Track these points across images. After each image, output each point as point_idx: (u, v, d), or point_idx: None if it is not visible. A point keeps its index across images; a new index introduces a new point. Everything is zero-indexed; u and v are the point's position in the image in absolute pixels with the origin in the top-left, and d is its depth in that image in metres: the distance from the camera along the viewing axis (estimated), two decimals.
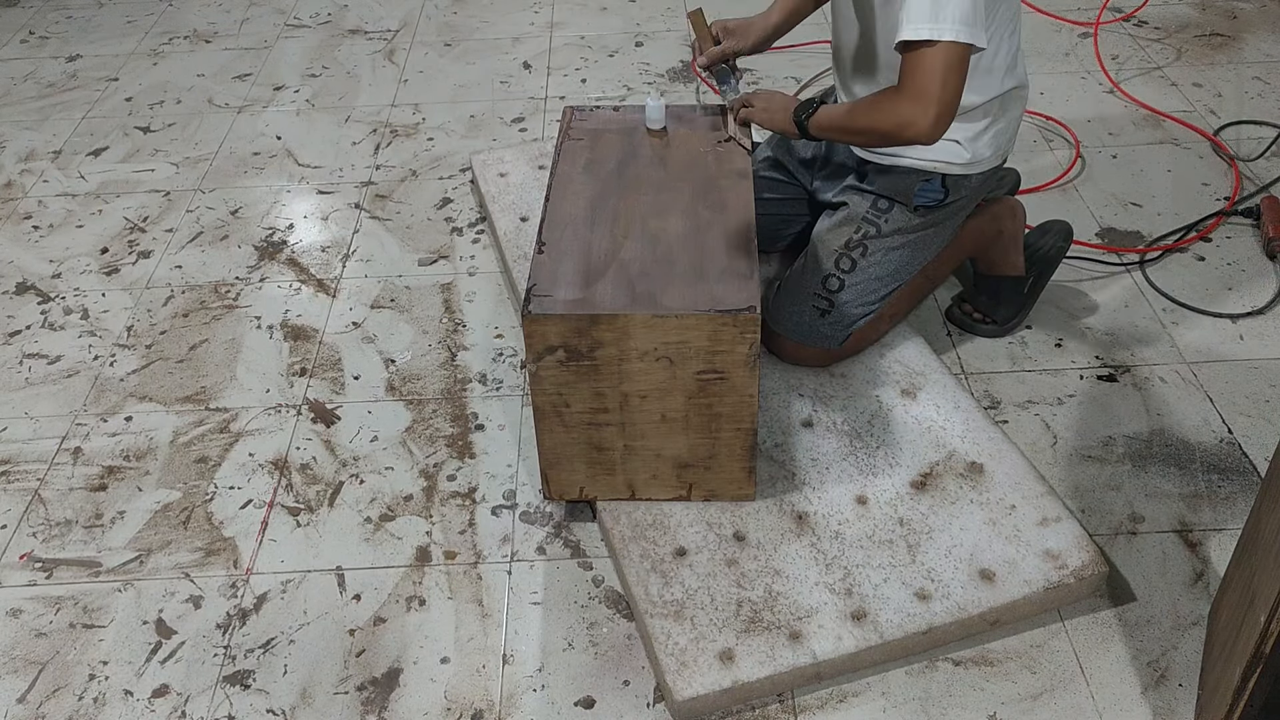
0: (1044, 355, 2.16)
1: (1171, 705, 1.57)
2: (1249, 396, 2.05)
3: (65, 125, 3.08)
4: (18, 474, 2.02)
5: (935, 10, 1.60)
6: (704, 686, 1.55)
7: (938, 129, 1.65)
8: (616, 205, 1.85)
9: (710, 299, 1.64)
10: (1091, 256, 2.38)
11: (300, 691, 1.64)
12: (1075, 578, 1.67)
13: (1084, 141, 2.76)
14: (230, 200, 2.74)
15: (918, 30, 1.61)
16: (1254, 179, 2.60)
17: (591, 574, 1.79)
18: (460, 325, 2.30)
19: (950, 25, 1.59)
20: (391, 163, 2.85)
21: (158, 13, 3.69)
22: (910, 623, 1.62)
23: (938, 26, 1.60)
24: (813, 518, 1.78)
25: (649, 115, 2.04)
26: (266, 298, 2.41)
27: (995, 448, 1.88)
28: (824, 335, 2.00)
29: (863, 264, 1.99)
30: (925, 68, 1.62)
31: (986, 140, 1.93)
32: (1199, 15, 3.35)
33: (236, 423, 2.10)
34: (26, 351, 2.30)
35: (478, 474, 1.97)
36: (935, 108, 1.63)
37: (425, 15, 3.59)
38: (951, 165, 1.94)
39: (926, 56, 1.62)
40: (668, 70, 3.20)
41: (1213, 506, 1.85)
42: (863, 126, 1.77)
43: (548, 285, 1.68)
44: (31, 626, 1.75)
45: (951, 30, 1.60)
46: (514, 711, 1.60)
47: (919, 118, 1.64)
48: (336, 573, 1.81)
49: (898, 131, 1.69)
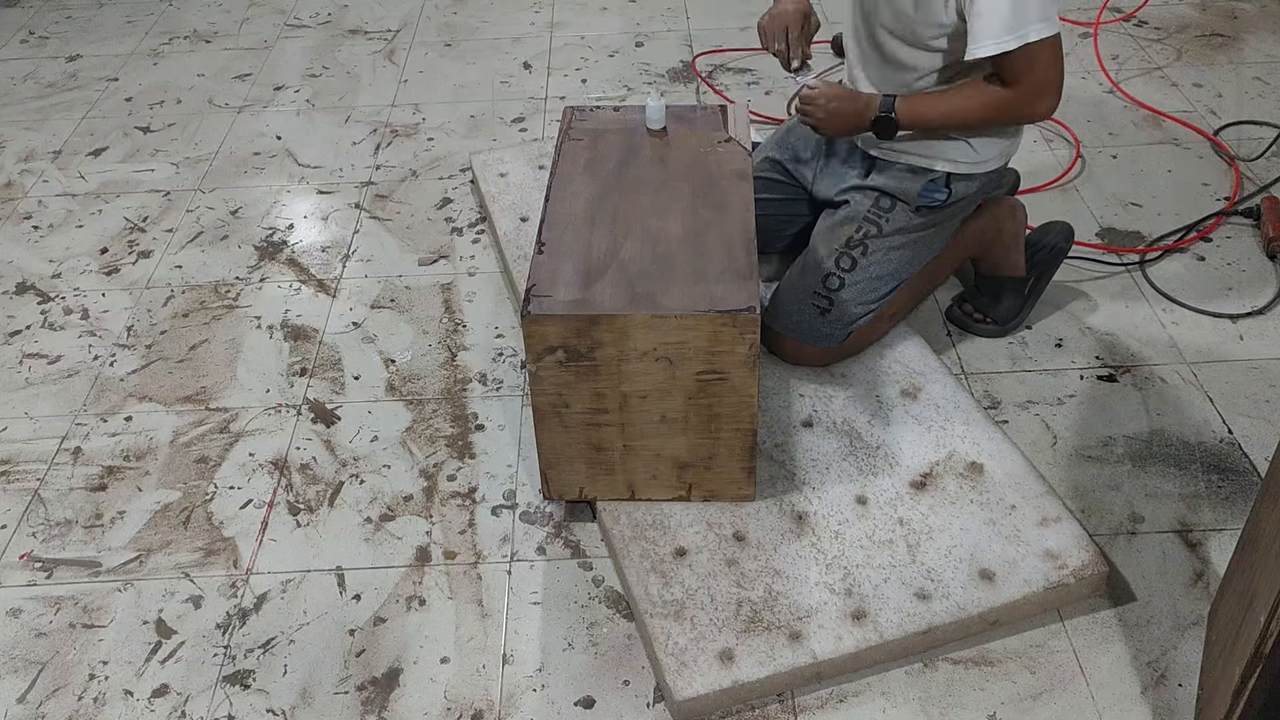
0: (1044, 355, 2.16)
1: (1171, 705, 1.57)
2: (1249, 396, 2.05)
3: (65, 125, 3.08)
4: (17, 474, 2.02)
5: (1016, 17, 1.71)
6: (704, 686, 1.55)
7: (1057, 107, 1.86)
8: (616, 205, 1.85)
9: (710, 299, 1.64)
10: (1091, 256, 2.38)
11: (300, 691, 1.64)
12: (1075, 578, 1.67)
13: (1084, 141, 2.76)
14: (230, 200, 2.74)
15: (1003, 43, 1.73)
16: (1254, 179, 2.60)
17: (591, 574, 1.78)
18: (460, 325, 2.30)
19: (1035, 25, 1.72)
20: (391, 163, 2.85)
21: (158, 13, 3.69)
22: (910, 623, 1.62)
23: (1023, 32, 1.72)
24: (813, 518, 1.78)
25: (649, 115, 2.03)
26: (266, 298, 2.41)
27: (995, 448, 1.88)
28: (824, 334, 2.00)
29: (863, 263, 1.99)
30: (1039, 65, 1.78)
31: (996, 141, 1.94)
32: (1199, 15, 3.35)
33: (236, 423, 2.10)
34: (26, 351, 2.30)
35: (478, 474, 1.97)
36: (1056, 92, 1.83)
37: (425, 15, 3.59)
38: (959, 164, 1.95)
39: (1035, 54, 1.76)
40: (668, 70, 3.20)
41: (1213, 506, 1.85)
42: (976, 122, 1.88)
43: (547, 285, 1.68)
44: (31, 626, 1.75)
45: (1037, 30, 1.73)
46: (514, 711, 1.60)
47: (1046, 108, 1.85)
48: (336, 573, 1.81)
49: (1028, 119, 1.90)
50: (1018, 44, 1.72)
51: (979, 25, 1.73)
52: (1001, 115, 1.86)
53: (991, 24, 1.71)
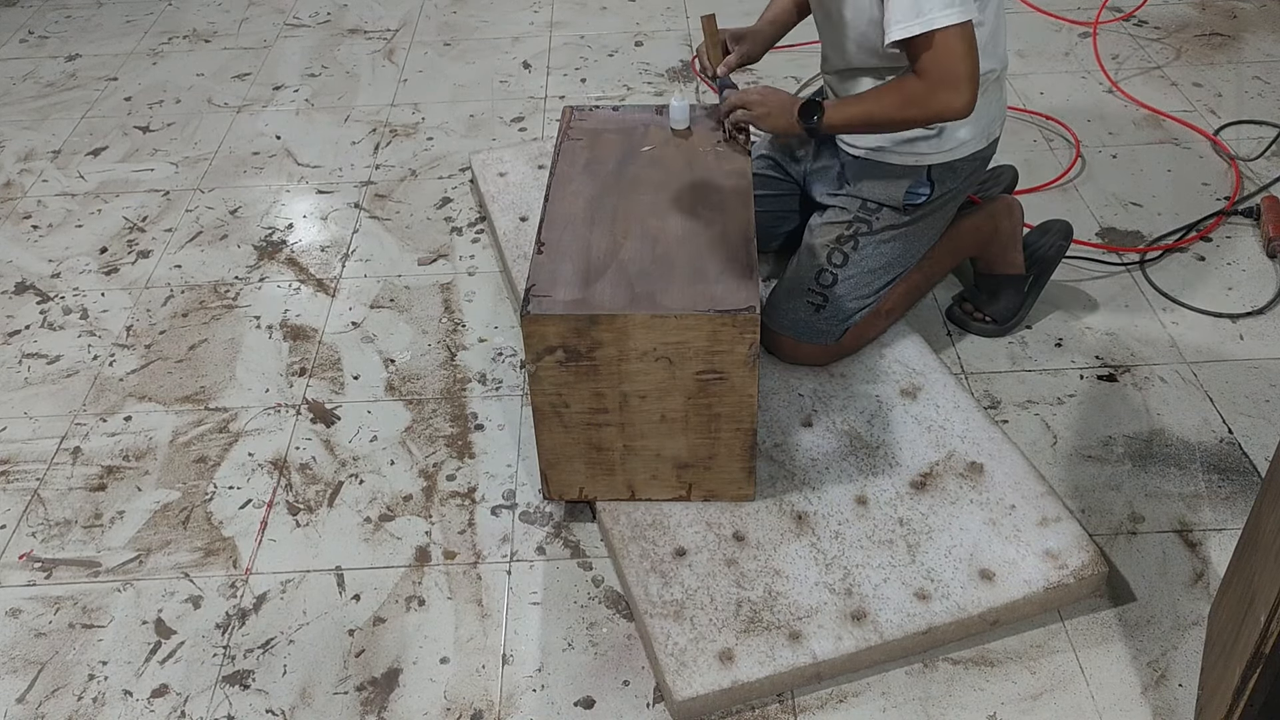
0: (1044, 355, 2.15)
1: (1171, 705, 1.57)
2: (1249, 396, 2.05)
3: (64, 125, 3.08)
4: (17, 474, 2.02)
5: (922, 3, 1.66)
6: (704, 686, 1.55)
7: (972, 103, 1.74)
8: (616, 205, 1.85)
9: (710, 299, 1.64)
10: (1091, 256, 2.38)
11: (300, 692, 1.64)
12: (1075, 578, 1.67)
13: (1084, 141, 2.76)
14: (230, 200, 2.74)
15: (909, 28, 1.67)
16: (1254, 179, 2.60)
17: (591, 574, 1.78)
18: (460, 325, 2.30)
19: (941, 12, 1.66)
20: (391, 162, 2.85)
21: (157, 12, 3.69)
22: (910, 623, 1.62)
23: (929, 18, 1.66)
24: (812, 518, 1.78)
25: (673, 115, 2.02)
26: (266, 297, 2.41)
27: (995, 448, 1.88)
28: (820, 330, 2.01)
29: (855, 258, 1.99)
30: (945, 53, 1.70)
31: (963, 123, 1.92)
32: (1199, 15, 3.35)
33: (236, 423, 2.10)
34: (26, 351, 2.30)
35: (477, 474, 1.97)
36: (967, 87, 1.72)
37: (425, 15, 3.59)
38: (932, 155, 1.94)
39: (941, 44, 1.68)
40: (667, 70, 3.20)
41: (1213, 506, 1.85)
42: (895, 119, 1.81)
43: (547, 285, 1.68)
44: (31, 626, 1.75)
45: (944, 17, 1.66)
46: (514, 711, 1.60)
47: (954, 100, 1.73)
48: (336, 573, 1.81)
49: (938, 117, 1.77)
50: (923, 29, 1.67)
51: (890, 11, 1.70)
52: (912, 109, 1.78)
53: (900, 9, 1.69)
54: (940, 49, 1.69)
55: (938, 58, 1.70)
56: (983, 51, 1.87)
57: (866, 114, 1.83)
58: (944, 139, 1.93)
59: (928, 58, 1.71)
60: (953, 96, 1.72)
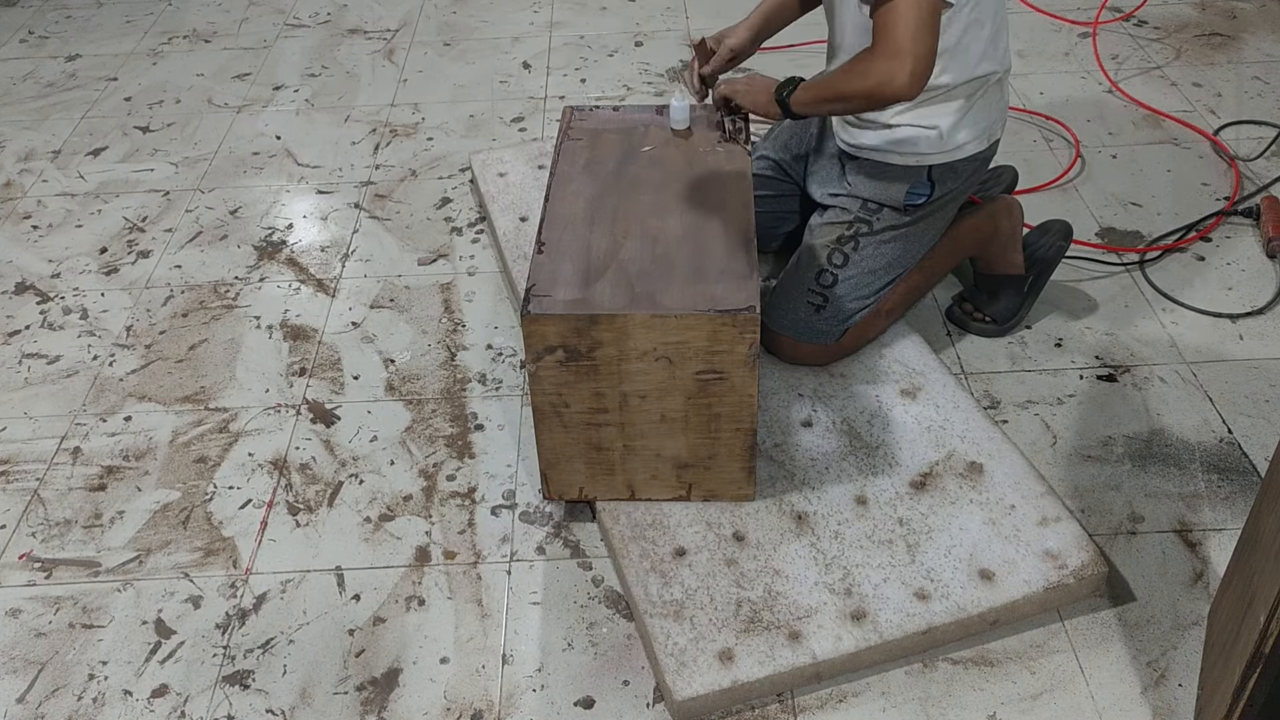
0: (1044, 355, 2.16)
1: (1171, 705, 1.57)
2: (1249, 396, 2.05)
3: (64, 125, 3.08)
4: (17, 474, 2.02)
5: None
6: (703, 686, 1.55)
7: (915, 84, 1.65)
8: (616, 205, 1.85)
9: (710, 299, 1.64)
10: (1091, 256, 2.38)
11: (300, 691, 1.64)
12: (1075, 578, 1.67)
13: (1084, 141, 2.76)
14: (229, 200, 2.74)
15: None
16: (1254, 179, 2.60)
17: (591, 574, 1.78)
18: (460, 325, 2.30)
19: None
20: (391, 162, 2.85)
21: (157, 12, 3.69)
22: (910, 623, 1.62)
23: None
24: (812, 518, 1.78)
25: (673, 116, 2.02)
26: (266, 297, 2.41)
27: (995, 448, 1.88)
28: (820, 330, 2.01)
29: (855, 258, 1.99)
30: (895, 24, 1.63)
31: (964, 125, 1.92)
32: (1199, 15, 3.35)
33: (236, 423, 2.10)
34: (26, 351, 2.30)
35: (477, 474, 1.97)
36: (910, 62, 1.63)
37: (425, 15, 3.59)
38: (933, 156, 1.94)
39: (895, 13, 1.63)
40: (667, 70, 3.20)
41: (1213, 506, 1.85)
42: (843, 93, 1.76)
43: (547, 285, 1.68)
44: (31, 626, 1.75)
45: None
46: (514, 711, 1.60)
47: (896, 73, 1.64)
48: (336, 573, 1.81)
49: (877, 90, 1.68)
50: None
51: None
52: (856, 79, 1.71)
53: None
54: (892, 17, 1.63)
55: (888, 25, 1.64)
56: (983, 54, 1.87)
57: (828, 86, 1.80)
58: (945, 140, 1.93)
59: (880, 26, 1.66)
60: (894, 68, 1.63)
